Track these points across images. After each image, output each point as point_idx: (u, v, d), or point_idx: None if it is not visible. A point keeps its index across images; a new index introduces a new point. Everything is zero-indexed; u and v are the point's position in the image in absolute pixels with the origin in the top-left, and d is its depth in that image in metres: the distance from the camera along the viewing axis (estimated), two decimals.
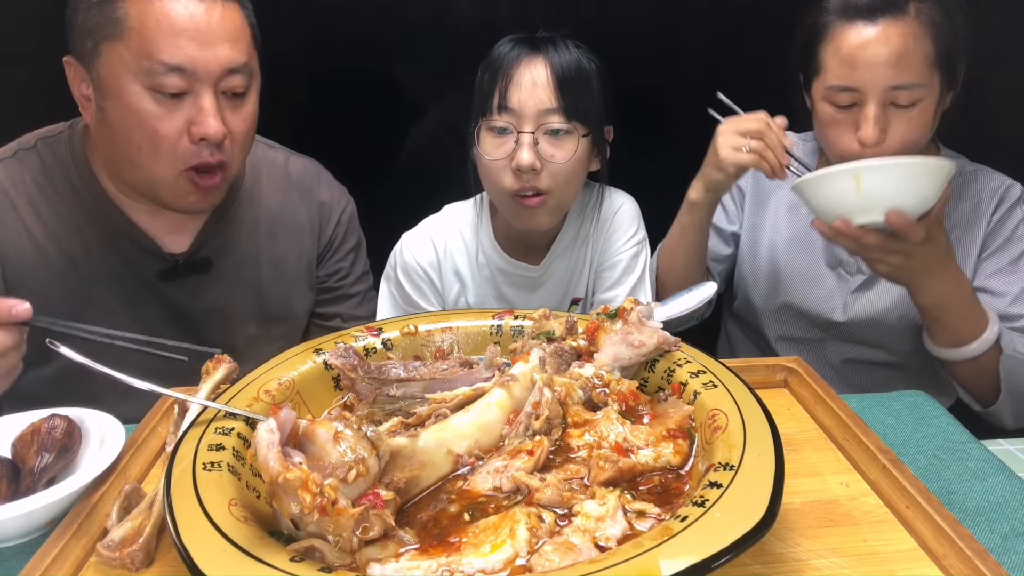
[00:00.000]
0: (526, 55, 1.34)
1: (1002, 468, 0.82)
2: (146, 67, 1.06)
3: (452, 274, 1.52)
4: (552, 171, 1.35)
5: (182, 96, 1.09)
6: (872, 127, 1.24)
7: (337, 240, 1.43)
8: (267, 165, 1.37)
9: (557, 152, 1.34)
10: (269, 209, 1.35)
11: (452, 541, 0.61)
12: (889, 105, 1.25)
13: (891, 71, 1.22)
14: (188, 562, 0.53)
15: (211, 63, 1.08)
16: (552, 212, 1.42)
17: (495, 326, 0.97)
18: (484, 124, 1.36)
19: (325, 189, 1.43)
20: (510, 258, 1.50)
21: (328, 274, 1.43)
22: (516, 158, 1.33)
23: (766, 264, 1.55)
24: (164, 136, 1.09)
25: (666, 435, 0.73)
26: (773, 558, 0.65)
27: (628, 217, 1.52)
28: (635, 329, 0.85)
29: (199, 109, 1.09)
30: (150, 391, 0.76)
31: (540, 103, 1.32)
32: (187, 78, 1.07)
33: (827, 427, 0.87)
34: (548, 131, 1.33)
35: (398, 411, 0.81)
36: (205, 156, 1.11)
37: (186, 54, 1.06)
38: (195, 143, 1.10)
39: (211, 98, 1.10)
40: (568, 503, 0.64)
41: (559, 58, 1.33)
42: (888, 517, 0.71)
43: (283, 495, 0.57)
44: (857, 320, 1.44)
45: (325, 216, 1.41)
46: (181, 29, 1.06)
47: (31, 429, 0.79)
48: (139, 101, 1.08)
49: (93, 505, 0.72)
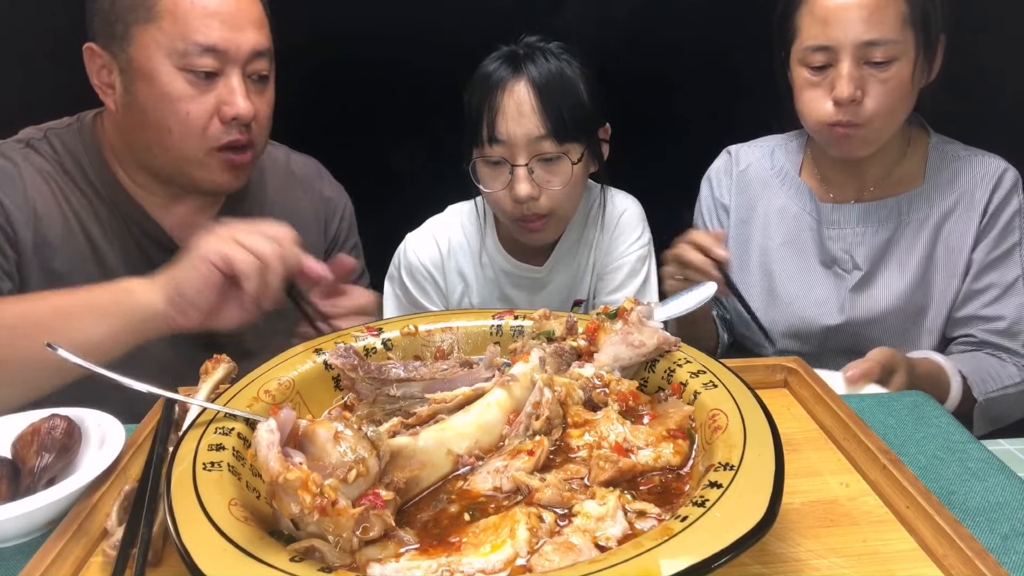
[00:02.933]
0: (509, 78, 1.32)
1: (1002, 468, 0.82)
2: (180, 48, 1.11)
3: (456, 274, 1.52)
4: (551, 195, 1.35)
5: (213, 77, 1.14)
6: (847, 83, 1.24)
7: (342, 236, 1.45)
8: (270, 162, 1.38)
9: (553, 178, 1.34)
10: (273, 202, 1.36)
11: (452, 541, 0.61)
12: (864, 65, 1.24)
13: (864, 26, 1.23)
14: (188, 562, 0.53)
15: (241, 45, 1.14)
16: (555, 227, 1.43)
17: (495, 326, 0.97)
18: (478, 156, 1.36)
19: (328, 186, 1.44)
20: (514, 259, 1.50)
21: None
22: (514, 191, 1.33)
23: (758, 270, 1.53)
24: (196, 117, 1.14)
25: (666, 435, 0.73)
26: (773, 558, 0.65)
27: (633, 220, 1.52)
28: (635, 329, 0.85)
29: (230, 90, 1.14)
30: (148, 393, 0.76)
31: (529, 132, 1.31)
32: (219, 59, 1.13)
33: (827, 427, 0.87)
34: (542, 159, 1.33)
35: (398, 411, 0.81)
36: (235, 135, 1.17)
37: (219, 35, 1.12)
38: (225, 123, 1.15)
39: (240, 79, 1.15)
40: (568, 503, 0.64)
41: (540, 75, 1.31)
42: (888, 517, 0.71)
43: (283, 495, 0.57)
44: (856, 320, 1.44)
45: (331, 212, 1.42)
46: (214, 11, 1.12)
47: (31, 429, 0.79)
48: (172, 82, 1.12)
49: (93, 505, 0.72)
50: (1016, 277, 1.38)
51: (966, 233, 1.39)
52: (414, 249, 1.52)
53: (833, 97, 1.27)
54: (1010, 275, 1.37)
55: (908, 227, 1.42)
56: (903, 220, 1.42)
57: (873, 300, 1.43)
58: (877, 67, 1.24)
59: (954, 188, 1.40)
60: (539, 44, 1.36)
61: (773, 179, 1.52)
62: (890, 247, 1.43)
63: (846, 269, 1.45)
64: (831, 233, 1.45)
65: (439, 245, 1.52)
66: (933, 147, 1.43)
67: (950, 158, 1.42)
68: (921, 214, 1.41)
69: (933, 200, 1.40)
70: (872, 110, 1.26)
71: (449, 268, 1.52)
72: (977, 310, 1.39)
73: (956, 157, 1.42)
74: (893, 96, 1.26)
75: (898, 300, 1.42)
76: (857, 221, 1.43)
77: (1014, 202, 1.38)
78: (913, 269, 1.41)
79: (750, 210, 1.54)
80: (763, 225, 1.53)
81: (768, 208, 1.53)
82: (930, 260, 1.41)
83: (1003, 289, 1.37)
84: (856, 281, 1.44)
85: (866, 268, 1.43)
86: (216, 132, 1.16)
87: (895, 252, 1.43)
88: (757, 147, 1.58)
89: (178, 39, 1.11)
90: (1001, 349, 1.38)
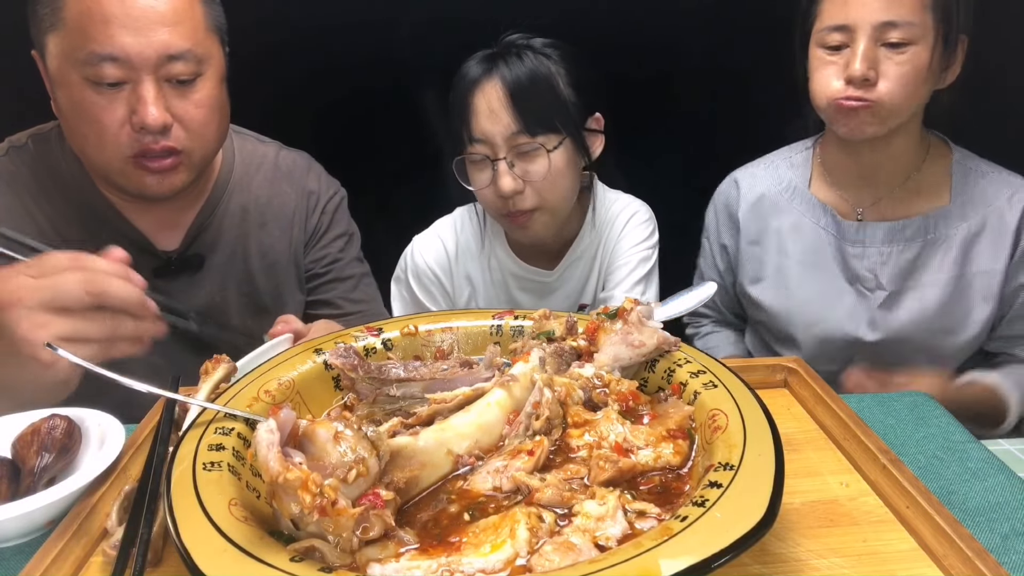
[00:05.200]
0: (483, 78, 1.34)
1: (1002, 468, 0.82)
2: (81, 57, 1.04)
3: (463, 277, 1.52)
4: (535, 187, 1.36)
5: (121, 85, 1.06)
6: (860, 61, 1.23)
7: (323, 228, 1.43)
8: (257, 158, 1.38)
9: (531, 168, 1.35)
10: (258, 200, 1.35)
11: (452, 541, 0.61)
12: (880, 47, 1.24)
13: (882, 5, 1.22)
14: (188, 562, 0.53)
15: (146, 50, 1.05)
16: (547, 221, 1.42)
17: (495, 326, 0.97)
18: (463, 156, 1.39)
19: (314, 179, 1.43)
20: (524, 263, 1.50)
21: (315, 260, 1.42)
22: (498, 186, 1.35)
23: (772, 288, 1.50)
24: (106, 126, 1.07)
25: (666, 435, 0.73)
26: (773, 558, 0.65)
27: (642, 222, 1.52)
28: (635, 329, 0.85)
29: (138, 98, 1.06)
30: (148, 393, 0.76)
31: (505, 128, 1.33)
32: (122, 67, 1.05)
33: (827, 427, 0.87)
34: (519, 153, 1.34)
35: (398, 411, 0.81)
36: (148, 143, 1.09)
37: (118, 42, 1.03)
38: (137, 131, 1.08)
39: (152, 86, 1.07)
40: (568, 503, 0.64)
41: (511, 74, 1.33)
42: (888, 517, 0.71)
43: (283, 495, 0.57)
44: (882, 338, 1.40)
45: (312, 205, 1.41)
46: (112, 16, 1.03)
47: (31, 429, 0.79)
48: (80, 92, 1.06)
49: (93, 505, 0.72)
50: None
51: (998, 255, 1.36)
52: (421, 251, 1.52)
53: (847, 75, 1.25)
54: None
55: (936, 246, 1.38)
56: (930, 239, 1.38)
57: (899, 319, 1.40)
58: (893, 48, 1.23)
59: (981, 207, 1.37)
60: (518, 42, 1.37)
61: (782, 197, 1.50)
62: (916, 266, 1.39)
63: (869, 288, 1.41)
64: (854, 251, 1.42)
65: (446, 247, 1.52)
66: (956, 163, 1.40)
67: (975, 175, 1.39)
68: (949, 232, 1.38)
69: (961, 219, 1.37)
70: (884, 91, 1.25)
71: (456, 271, 1.52)
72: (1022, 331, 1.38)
73: (981, 174, 1.39)
74: (907, 80, 1.24)
75: (925, 320, 1.39)
76: (883, 240, 1.40)
77: None
78: (941, 289, 1.38)
79: (761, 232, 1.52)
80: (778, 243, 1.50)
81: (780, 227, 1.50)
82: (960, 280, 1.37)
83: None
84: (881, 300, 1.41)
85: (891, 288, 1.40)
86: (128, 140, 1.09)
87: (923, 272, 1.39)
88: (762, 168, 1.55)
89: (78, 48, 1.04)
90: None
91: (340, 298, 1.44)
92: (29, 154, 1.21)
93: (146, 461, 0.75)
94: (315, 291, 1.43)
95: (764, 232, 1.51)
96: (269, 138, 1.43)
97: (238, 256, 1.32)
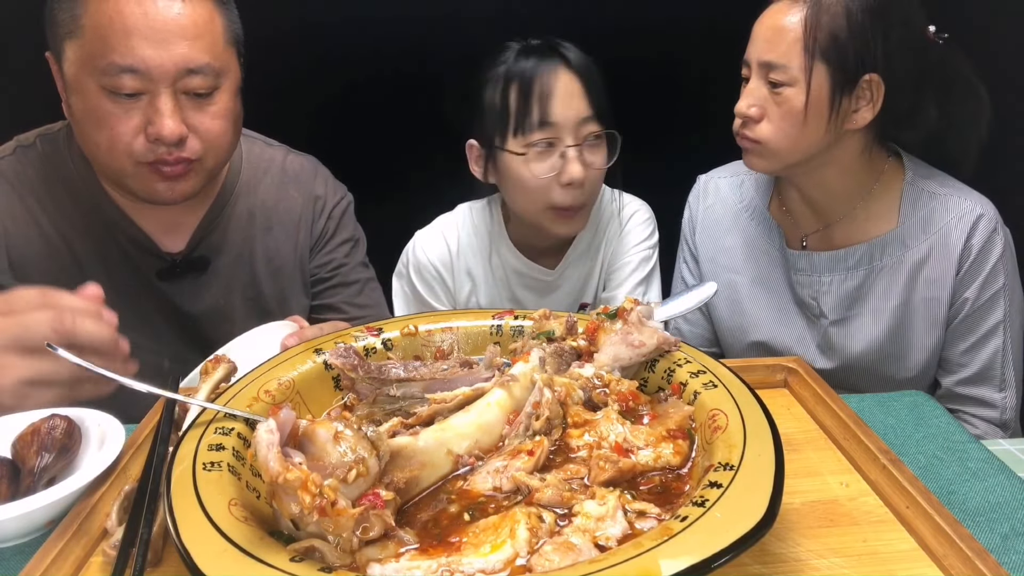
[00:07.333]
0: (548, 64, 1.31)
1: (1002, 468, 0.82)
2: (100, 67, 1.04)
3: (464, 273, 1.52)
4: (591, 179, 1.35)
5: (138, 96, 1.06)
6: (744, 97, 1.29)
7: (328, 232, 1.43)
8: (264, 162, 1.37)
9: (596, 159, 1.34)
10: (265, 203, 1.35)
11: (452, 541, 0.61)
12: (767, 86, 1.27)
13: (765, 45, 1.27)
14: (188, 562, 0.53)
15: (166, 63, 1.05)
16: (585, 217, 1.42)
17: (495, 326, 0.97)
18: (520, 142, 1.33)
19: (321, 184, 1.42)
20: (527, 260, 1.50)
21: (320, 265, 1.42)
22: (567, 173, 1.31)
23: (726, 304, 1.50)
24: (120, 134, 1.07)
25: (666, 435, 0.73)
26: (773, 558, 0.65)
27: (642, 221, 1.53)
28: (635, 329, 0.85)
29: (155, 110, 1.06)
30: (148, 393, 0.76)
31: (578, 112, 1.31)
32: (141, 79, 1.04)
33: (827, 427, 0.87)
34: (588, 140, 1.33)
35: (398, 411, 0.81)
36: (162, 154, 1.09)
37: (138, 55, 1.03)
38: (151, 142, 1.08)
39: (169, 98, 1.06)
40: (568, 503, 0.64)
41: (577, 60, 1.32)
42: (888, 517, 0.71)
43: (283, 495, 0.57)
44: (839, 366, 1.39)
45: (318, 210, 1.41)
46: (134, 28, 1.03)
47: (31, 429, 0.79)
48: (97, 100, 1.06)
49: (93, 505, 0.72)
50: (997, 322, 1.32)
51: (944, 280, 1.33)
52: (423, 247, 1.52)
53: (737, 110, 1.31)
54: (992, 320, 1.32)
55: (881, 273, 1.36)
56: (875, 266, 1.37)
57: (846, 347, 1.39)
58: (774, 89, 1.26)
59: (928, 232, 1.33)
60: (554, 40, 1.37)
61: (742, 213, 1.50)
62: (861, 295, 1.37)
63: (815, 315, 1.42)
64: (797, 279, 1.42)
65: (448, 243, 1.52)
66: (908, 184, 1.36)
67: (925, 197, 1.35)
68: (894, 259, 1.35)
69: (907, 244, 1.34)
70: (764, 131, 1.29)
71: (458, 267, 1.52)
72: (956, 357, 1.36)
73: (932, 196, 1.34)
74: (785, 121, 1.26)
75: (871, 347, 1.37)
76: (825, 269, 1.39)
77: (997, 247, 1.31)
78: (888, 316, 1.36)
79: (716, 247, 1.53)
80: (729, 261, 1.50)
81: (735, 244, 1.50)
82: (906, 308, 1.35)
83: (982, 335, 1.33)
84: (825, 327, 1.40)
85: (833, 317, 1.39)
86: (142, 150, 1.09)
87: (867, 299, 1.37)
88: (726, 178, 1.56)
89: (97, 57, 1.04)
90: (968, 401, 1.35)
91: (345, 303, 1.44)
92: (37, 154, 1.21)
93: (146, 461, 0.75)
94: (320, 295, 1.43)
95: (719, 248, 1.52)
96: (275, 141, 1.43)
97: (243, 259, 1.32)
